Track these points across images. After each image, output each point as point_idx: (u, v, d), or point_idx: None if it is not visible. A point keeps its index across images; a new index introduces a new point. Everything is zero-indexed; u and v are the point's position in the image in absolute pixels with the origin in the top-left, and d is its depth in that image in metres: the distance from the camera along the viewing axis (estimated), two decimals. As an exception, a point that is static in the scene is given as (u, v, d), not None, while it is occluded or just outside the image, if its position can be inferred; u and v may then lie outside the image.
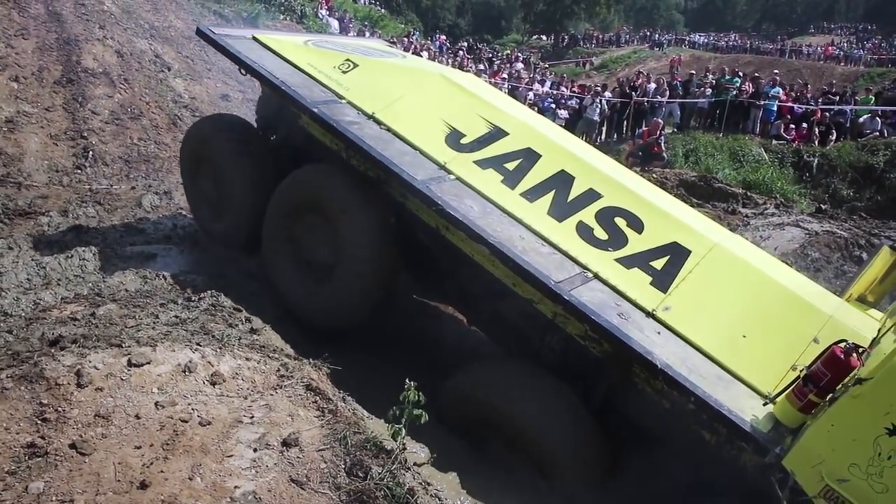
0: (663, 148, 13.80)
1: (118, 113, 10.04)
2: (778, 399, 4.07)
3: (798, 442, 3.83)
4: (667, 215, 4.92)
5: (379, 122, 5.49)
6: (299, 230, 5.64)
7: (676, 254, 4.67)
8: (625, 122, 17.25)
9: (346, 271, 5.28)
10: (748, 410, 4.04)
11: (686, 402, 4.10)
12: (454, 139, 5.33)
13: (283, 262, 5.71)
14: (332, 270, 5.38)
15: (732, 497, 4.19)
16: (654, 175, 12.21)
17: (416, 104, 5.61)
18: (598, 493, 4.42)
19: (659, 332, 4.34)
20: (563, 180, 5.01)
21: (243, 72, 6.04)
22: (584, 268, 4.62)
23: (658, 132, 13.94)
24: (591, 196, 4.93)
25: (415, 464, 4.06)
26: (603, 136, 17.44)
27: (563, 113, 17.20)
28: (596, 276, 4.59)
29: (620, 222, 4.82)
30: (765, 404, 4.11)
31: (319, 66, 5.98)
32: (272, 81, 5.65)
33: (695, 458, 4.30)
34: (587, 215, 4.85)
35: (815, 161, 14.65)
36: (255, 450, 3.61)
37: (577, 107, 17.50)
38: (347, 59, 6.06)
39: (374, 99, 5.63)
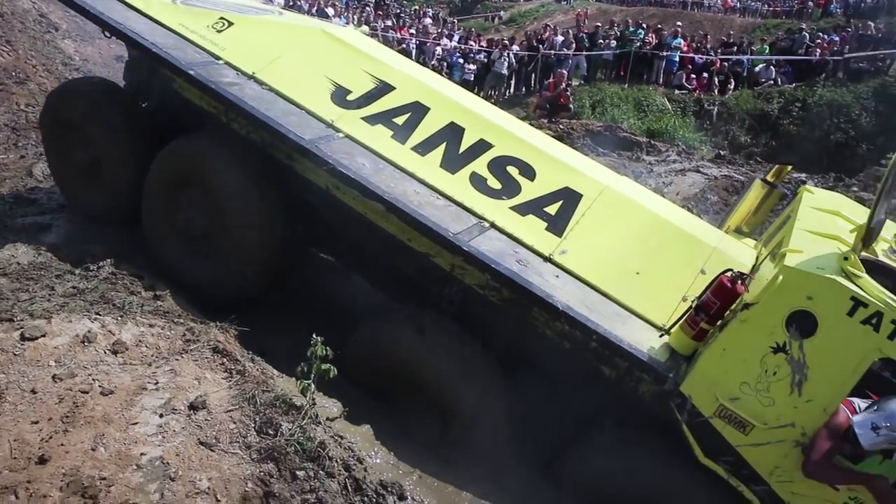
0: (570, 99, 14.11)
1: (2, 77, 9.39)
2: (672, 330, 4.33)
3: (693, 368, 4.09)
4: (557, 161, 5.05)
5: (260, 83, 5.34)
6: (182, 203, 5.42)
7: (569, 198, 4.83)
8: (532, 76, 17.49)
9: (234, 243, 5.15)
10: (646, 343, 4.27)
11: (588, 340, 4.31)
12: (340, 96, 5.27)
13: (169, 238, 5.50)
14: (221, 243, 5.23)
15: (632, 425, 4.50)
16: (561, 126, 12.52)
17: (297, 62, 5.48)
18: (504, 437, 4.62)
19: (557, 276, 4.51)
20: (453, 132, 5.06)
21: (107, 34, 5.72)
22: (481, 218, 4.72)
23: (564, 84, 14.23)
24: (482, 146, 5.00)
25: (327, 418, 4.12)
26: (511, 89, 17.65)
27: (472, 67, 17.25)
28: (493, 226, 4.69)
29: (513, 171, 4.92)
30: (661, 336, 4.36)
31: (191, 25, 5.73)
32: (141, 44, 5.36)
33: (595, 393, 4.54)
34: (480, 166, 4.93)
35: (715, 109, 15.36)
36: (160, 415, 3.62)
37: (485, 61, 17.59)
38: (221, 18, 5.83)
39: (254, 58, 5.46)
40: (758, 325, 3.96)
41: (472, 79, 17.01)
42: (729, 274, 4.18)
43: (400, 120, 5.14)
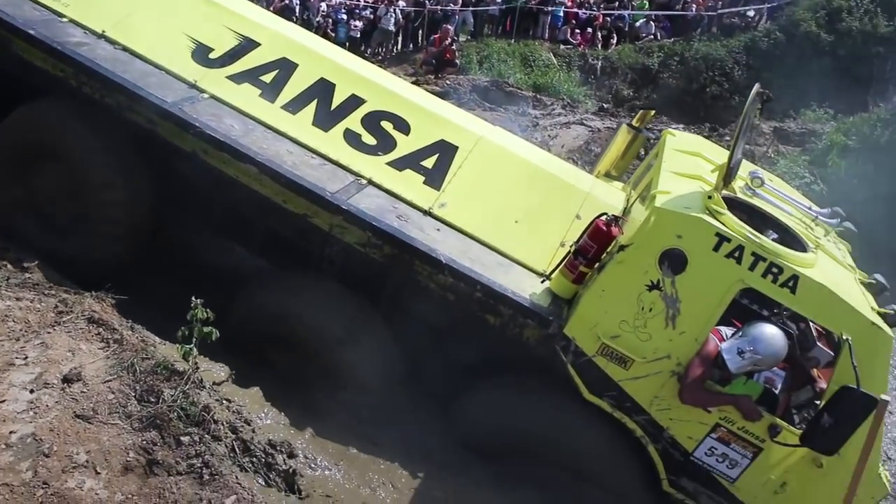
0: (456, 55, 14.06)
1: None
2: (553, 275, 4.45)
3: (575, 310, 4.23)
4: (431, 114, 5.03)
5: (112, 42, 4.98)
6: (36, 174, 4.98)
7: (445, 151, 4.82)
8: (420, 32, 17.31)
9: (97, 212, 4.81)
10: (528, 289, 4.37)
11: (472, 291, 4.34)
12: (202, 55, 4.99)
13: (22, 218, 5.04)
14: (80, 220, 4.88)
15: (518, 370, 4.59)
16: (447, 82, 12.50)
17: (151, 19, 5.13)
18: (395, 393, 4.64)
19: (438, 229, 4.53)
20: (323, 89, 4.92)
21: None
22: (358, 175, 4.65)
23: (449, 39, 14.15)
24: (354, 102, 4.90)
25: (213, 383, 4.04)
26: (399, 46, 17.40)
27: (358, 24, 16.81)
28: (370, 182, 4.64)
29: (387, 126, 4.85)
30: (542, 282, 4.47)
31: None
32: None
33: (480, 342, 4.60)
34: (353, 122, 4.83)
35: (599, 64, 15.75)
36: (31, 391, 3.48)
37: (371, 17, 17.19)
38: None
39: (102, 15, 5.07)
40: (633, 266, 4.12)
41: (358, 36, 16.58)
42: (604, 218, 4.32)
43: (267, 78, 4.94)
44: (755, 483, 4.27)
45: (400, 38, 17.38)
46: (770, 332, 4.09)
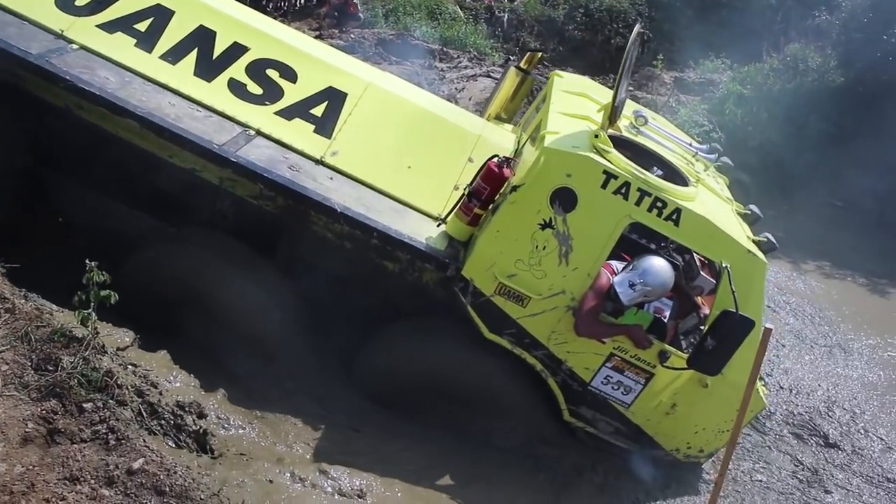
0: (359, 8, 13.81)
1: None
2: (448, 218, 4.53)
3: (471, 252, 4.33)
4: (318, 61, 4.96)
5: None
6: None
7: (334, 98, 4.79)
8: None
9: None
10: (424, 234, 4.44)
11: (368, 238, 4.37)
12: (67, 2, 4.73)
13: None
14: None
15: (420, 316, 4.68)
16: (352, 36, 12.28)
17: None
18: (301, 349, 4.67)
19: (331, 178, 4.52)
20: (203, 37, 4.77)
21: None
22: (245, 126, 4.57)
23: None
24: (237, 50, 4.78)
25: (117, 348, 3.98)
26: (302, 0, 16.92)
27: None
28: (259, 133, 4.57)
29: (273, 74, 4.77)
30: (438, 225, 4.54)
31: None
32: None
33: (381, 290, 4.69)
34: (237, 71, 4.72)
35: (506, 16, 15.80)
36: None
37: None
38: None
39: None
40: (526, 205, 4.24)
41: None
42: (496, 160, 4.40)
43: (142, 26, 4.75)
44: (648, 406, 4.57)
45: (303, -8, 16.88)
46: (658, 264, 4.32)
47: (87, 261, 3.57)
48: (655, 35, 14.98)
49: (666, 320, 4.62)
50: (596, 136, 4.25)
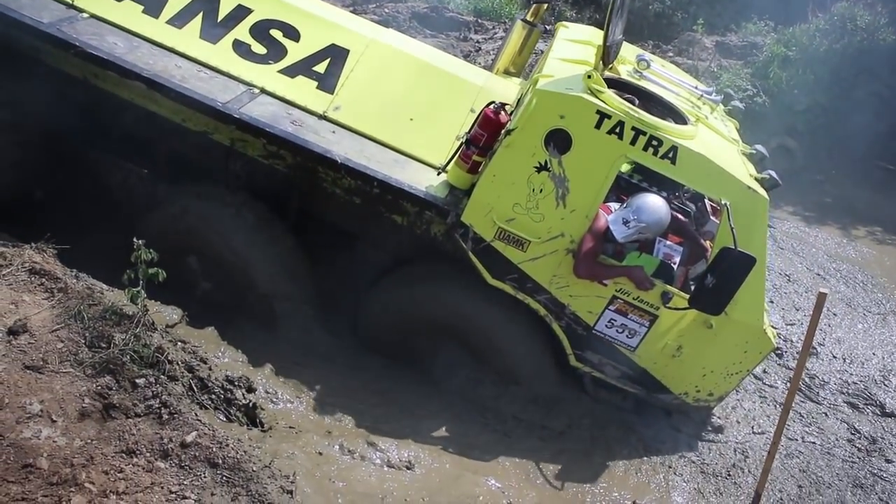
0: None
1: None
2: (449, 167, 4.78)
3: (470, 198, 4.57)
4: (320, 20, 5.26)
5: None
6: None
7: (336, 55, 5.08)
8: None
9: None
10: (425, 183, 4.71)
11: (371, 189, 4.65)
12: None
13: None
14: None
15: (433, 271, 4.93)
16: (386, 10, 12.59)
17: None
18: (316, 305, 5.02)
19: (334, 132, 4.82)
20: (208, 0, 5.10)
21: None
22: (250, 85, 4.89)
23: None
24: (241, 12, 5.10)
25: (166, 326, 4.26)
26: None
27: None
28: (263, 91, 4.89)
29: (277, 34, 5.08)
30: (438, 174, 4.80)
31: None
32: None
33: (393, 245, 4.98)
34: (241, 32, 5.05)
35: (541, -16, 15.88)
36: None
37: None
38: None
39: None
40: (520, 149, 4.46)
41: None
42: (492, 106, 4.60)
43: None
44: (654, 349, 4.76)
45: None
46: (652, 201, 4.49)
47: (134, 239, 3.82)
48: (692, 0, 14.88)
49: (675, 266, 4.77)
50: (589, 77, 4.41)
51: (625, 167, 5.06)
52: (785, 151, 12.26)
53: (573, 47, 5.19)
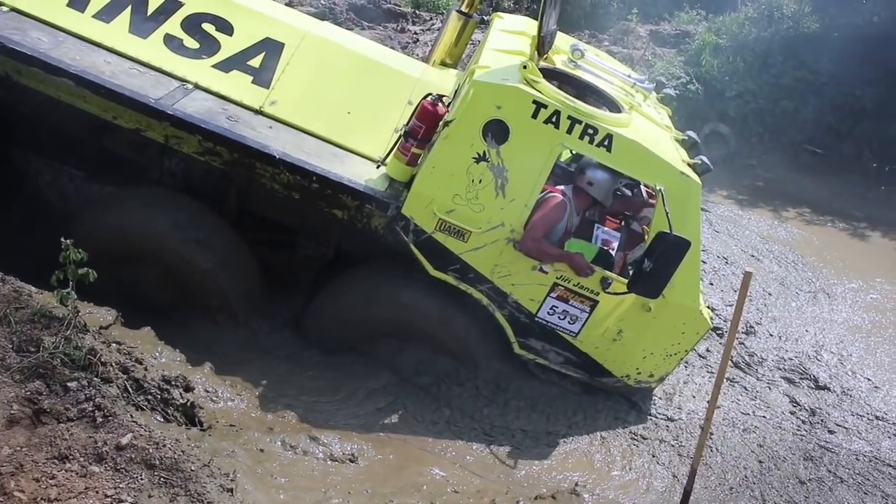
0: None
1: None
2: (388, 160, 4.73)
3: (410, 190, 4.54)
4: (254, 13, 5.14)
5: None
6: None
7: (271, 48, 4.98)
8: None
9: None
10: (365, 176, 4.66)
11: (310, 184, 4.57)
12: None
13: None
14: None
15: (376, 266, 4.90)
16: (322, 2, 12.45)
17: None
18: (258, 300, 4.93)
19: (271, 127, 4.73)
20: None
21: None
22: (183, 80, 4.76)
23: None
24: (171, 6, 4.95)
25: (100, 327, 4.11)
26: None
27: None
28: (197, 87, 4.76)
29: (209, 28, 4.95)
30: (377, 167, 4.75)
31: None
32: None
33: (333, 238, 4.93)
34: (172, 27, 4.90)
35: (479, -24, 15.91)
36: None
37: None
38: None
39: None
40: (459, 140, 4.45)
41: None
42: (429, 98, 4.57)
43: None
44: (595, 334, 4.82)
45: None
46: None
47: (62, 239, 3.66)
48: (628, -10, 15.17)
49: (613, 252, 4.84)
50: (524, 67, 4.43)
51: (564, 155, 5.11)
52: (718, 137, 12.60)
53: (509, 38, 5.19)
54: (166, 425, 3.79)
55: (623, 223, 5.23)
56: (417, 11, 13.20)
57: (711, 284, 7.97)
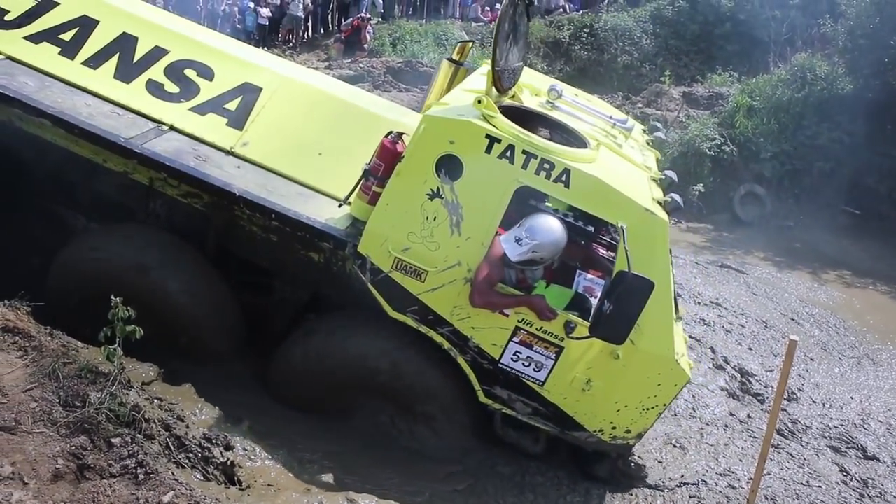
0: (368, 38, 14.37)
1: None
2: (351, 199, 4.61)
3: (366, 228, 4.38)
4: (236, 59, 5.22)
5: None
6: None
7: (248, 92, 5.01)
8: (329, 16, 17.69)
9: None
10: (326, 215, 4.54)
11: (268, 221, 4.50)
12: None
13: None
14: None
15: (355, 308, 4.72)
16: (360, 65, 12.78)
17: None
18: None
19: (238, 167, 4.72)
20: (126, 42, 5.08)
21: None
22: (159, 122, 4.82)
23: (355, 21, 14.42)
24: (157, 53, 5.07)
25: (142, 383, 4.14)
26: (310, 31, 17.68)
27: (266, 11, 16.99)
28: (172, 128, 4.81)
29: (191, 73, 5.03)
30: (339, 206, 4.62)
31: None
32: None
33: (310, 282, 4.83)
34: (156, 72, 5.00)
35: (511, 39, 16.19)
36: None
37: (278, 3, 17.42)
38: None
39: None
40: (411, 176, 4.30)
41: (267, 24, 16.74)
42: (390, 136, 4.47)
43: (67, 36, 5.09)
44: (563, 383, 4.45)
45: (310, 24, 17.71)
46: (547, 220, 4.29)
47: (112, 297, 3.70)
48: (661, 51, 15.07)
49: (596, 299, 4.50)
50: (479, 102, 4.28)
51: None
52: (754, 198, 12.19)
53: (482, 80, 5.09)
54: (206, 484, 3.73)
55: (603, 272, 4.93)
56: (453, 74, 13.45)
57: (751, 349, 7.54)
